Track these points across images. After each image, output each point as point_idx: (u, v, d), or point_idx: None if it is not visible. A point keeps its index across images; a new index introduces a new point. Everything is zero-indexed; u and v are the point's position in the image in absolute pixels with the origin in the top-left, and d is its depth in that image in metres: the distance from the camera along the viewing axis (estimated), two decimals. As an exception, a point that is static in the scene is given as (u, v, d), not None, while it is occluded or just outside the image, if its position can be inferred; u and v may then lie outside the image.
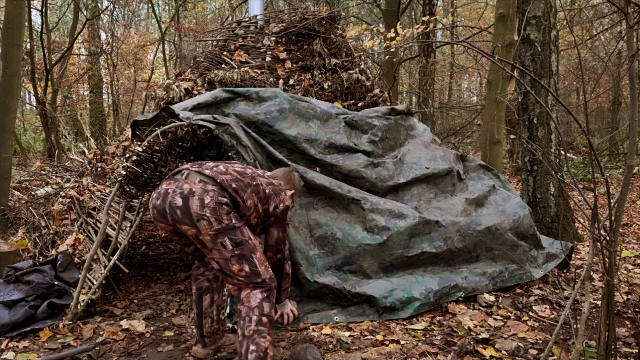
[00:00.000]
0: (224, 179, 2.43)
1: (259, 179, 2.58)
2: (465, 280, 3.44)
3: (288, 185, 2.81)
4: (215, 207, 2.33)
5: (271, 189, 2.59)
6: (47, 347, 2.79)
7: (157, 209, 2.42)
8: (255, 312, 2.33)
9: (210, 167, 2.52)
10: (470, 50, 11.67)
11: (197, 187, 2.36)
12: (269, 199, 2.57)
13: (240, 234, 2.38)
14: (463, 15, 16.61)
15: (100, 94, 15.70)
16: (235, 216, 2.40)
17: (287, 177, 2.84)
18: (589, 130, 2.30)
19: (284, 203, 2.63)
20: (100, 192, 3.99)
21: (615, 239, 2.13)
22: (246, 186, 2.48)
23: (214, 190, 2.37)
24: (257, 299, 2.36)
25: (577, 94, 15.54)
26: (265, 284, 2.39)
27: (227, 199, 2.38)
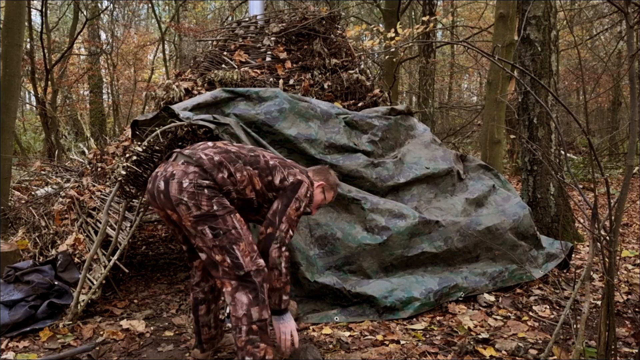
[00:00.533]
0: (202, 155, 2.29)
1: (261, 152, 2.44)
2: (465, 280, 3.44)
3: (317, 176, 2.64)
4: (194, 191, 2.20)
5: (278, 161, 2.44)
6: (47, 347, 2.79)
7: (148, 192, 2.35)
8: (244, 322, 2.20)
9: (197, 146, 2.40)
10: (470, 50, 11.68)
11: (178, 170, 2.25)
12: (274, 170, 2.40)
13: (222, 222, 2.22)
14: (463, 15, 16.61)
15: (100, 94, 15.70)
16: (218, 202, 2.23)
17: (318, 169, 2.70)
18: (589, 130, 2.30)
19: (295, 177, 2.43)
20: (100, 192, 3.99)
21: (615, 239, 2.13)
22: (237, 158, 2.34)
23: (195, 172, 2.24)
24: (243, 305, 2.20)
25: (577, 94, 15.55)
26: (248, 278, 2.21)
27: (208, 181, 2.24)
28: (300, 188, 2.42)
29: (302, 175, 2.47)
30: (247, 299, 2.20)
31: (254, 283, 2.22)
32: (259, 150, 2.46)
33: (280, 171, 2.41)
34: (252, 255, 2.25)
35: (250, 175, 2.35)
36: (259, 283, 2.23)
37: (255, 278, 2.22)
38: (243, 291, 2.21)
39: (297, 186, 2.41)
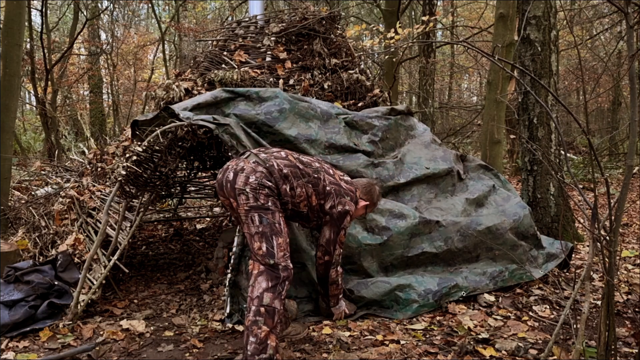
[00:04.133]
0: (274, 163, 2.58)
1: (324, 174, 2.73)
2: (465, 279, 3.44)
3: (365, 196, 2.93)
4: (257, 187, 2.49)
5: (334, 188, 2.74)
6: (47, 347, 2.79)
7: (217, 182, 2.64)
8: (255, 302, 2.38)
9: (271, 151, 2.70)
10: (470, 50, 11.68)
11: (249, 166, 2.54)
12: (327, 197, 2.72)
13: (271, 215, 2.49)
14: (463, 15, 16.60)
15: (100, 94, 15.70)
16: (274, 201, 2.52)
17: (367, 188, 2.95)
18: (589, 130, 2.30)
19: (344, 206, 2.74)
20: (100, 192, 3.99)
21: (615, 239, 2.13)
22: (302, 175, 2.63)
23: (262, 172, 2.53)
24: (260, 288, 2.40)
25: (577, 94, 15.54)
26: (275, 268, 2.43)
27: (271, 184, 2.52)
28: (346, 217, 2.77)
29: (349, 205, 2.78)
30: (265, 284, 2.41)
31: (278, 275, 2.45)
32: (322, 173, 2.74)
33: (332, 199, 2.73)
34: (286, 253, 2.51)
35: (310, 194, 2.67)
36: (283, 278, 2.45)
37: (282, 272, 2.46)
38: (266, 277, 2.43)
39: (344, 216, 2.76)
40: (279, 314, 2.41)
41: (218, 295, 3.67)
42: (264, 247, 2.45)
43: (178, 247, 5.27)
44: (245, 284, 3.11)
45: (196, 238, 5.63)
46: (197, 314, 3.30)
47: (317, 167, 2.75)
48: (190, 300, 3.61)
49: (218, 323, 3.12)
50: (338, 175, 2.86)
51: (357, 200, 2.86)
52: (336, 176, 2.83)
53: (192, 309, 3.44)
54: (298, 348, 2.74)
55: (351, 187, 2.84)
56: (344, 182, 2.83)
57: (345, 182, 2.85)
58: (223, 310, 3.25)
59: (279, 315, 2.42)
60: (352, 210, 2.79)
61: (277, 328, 2.44)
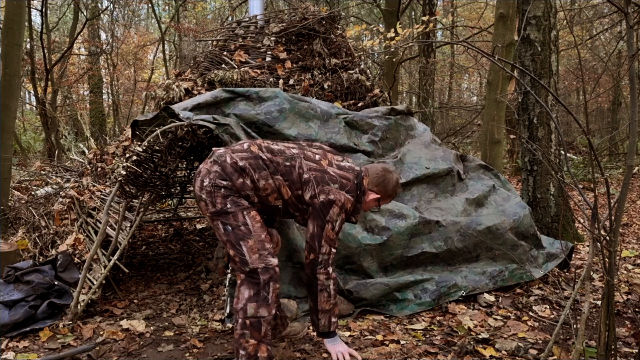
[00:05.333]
0: (227, 158, 2.33)
1: (300, 161, 2.40)
2: (465, 279, 3.44)
3: (376, 187, 2.50)
4: (212, 190, 2.29)
5: (314, 175, 2.38)
6: (47, 347, 2.79)
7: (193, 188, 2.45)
8: (240, 315, 2.27)
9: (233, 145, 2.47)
10: (470, 50, 11.68)
11: (205, 168, 2.36)
12: (305, 185, 2.37)
13: (232, 218, 2.28)
14: (463, 15, 16.60)
15: (100, 94, 15.70)
16: (233, 200, 2.29)
17: (380, 178, 2.51)
18: (589, 130, 2.30)
19: (327, 195, 2.34)
20: (100, 192, 3.99)
21: (615, 239, 2.13)
22: (266, 166, 2.34)
23: (216, 172, 2.31)
24: (243, 298, 2.27)
25: (577, 94, 15.54)
26: (254, 274, 2.26)
27: (225, 182, 2.29)
28: (331, 208, 2.35)
29: (336, 194, 2.36)
30: (247, 294, 2.27)
31: (258, 280, 2.26)
32: (298, 160, 2.40)
33: (312, 187, 2.36)
34: (262, 252, 2.28)
35: (278, 185, 2.36)
36: (264, 281, 2.26)
37: (262, 276, 2.26)
38: (247, 286, 2.28)
39: (327, 207, 2.35)
40: (266, 322, 2.26)
41: (218, 295, 3.67)
42: (237, 256, 2.29)
43: (178, 247, 5.27)
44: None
45: (196, 238, 5.63)
46: (197, 314, 3.30)
47: (292, 154, 2.41)
48: (190, 300, 3.61)
49: (218, 323, 3.12)
50: (329, 160, 2.48)
51: (361, 189, 2.44)
52: (324, 162, 2.44)
53: (192, 309, 3.44)
54: (298, 348, 2.74)
55: (346, 174, 2.44)
56: (336, 168, 2.44)
57: (339, 168, 2.45)
58: (223, 310, 3.25)
59: (267, 323, 2.27)
60: (340, 200, 2.36)
61: (268, 336, 2.30)
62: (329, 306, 2.43)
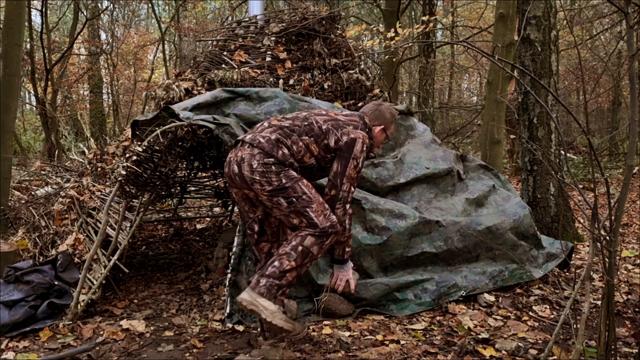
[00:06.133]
0: (261, 139, 2.57)
1: (314, 117, 2.67)
2: (465, 279, 3.44)
3: (377, 121, 2.82)
4: (264, 170, 2.52)
5: (331, 124, 2.66)
6: (47, 347, 2.79)
7: (226, 175, 2.70)
8: (296, 240, 2.54)
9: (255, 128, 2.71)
10: (470, 50, 11.68)
11: (246, 153, 2.57)
12: (327, 134, 2.64)
13: (292, 191, 2.53)
14: (463, 15, 16.60)
15: (100, 94, 15.70)
16: (285, 174, 2.54)
17: (375, 112, 2.83)
18: (589, 130, 2.30)
19: (349, 135, 2.63)
20: (100, 192, 3.99)
21: (615, 239, 2.13)
22: (291, 131, 2.61)
23: (259, 152, 2.55)
24: (306, 235, 2.54)
25: (577, 94, 15.54)
26: (324, 231, 2.55)
27: (272, 159, 2.54)
28: (355, 146, 2.63)
29: (355, 133, 2.65)
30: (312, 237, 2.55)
31: (327, 231, 2.56)
32: (312, 117, 2.68)
33: (334, 133, 2.63)
34: (325, 213, 2.57)
35: (307, 144, 2.62)
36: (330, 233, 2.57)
37: (329, 230, 2.56)
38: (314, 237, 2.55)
39: (352, 145, 2.63)
40: (311, 258, 2.55)
41: (218, 295, 3.67)
42: (304, 221, 2.55)
43: (178, 247, 5.27)
44: (245, 284, 3.11)
45: (196, 238, 5.63)
46: (197, 314, 3.30)
47: (304, 115, 2.72)
48: (190, 300, 3.61)
49: (218, 323, 3.12)
50: (334, 112, 2.80)
51: (368, 127, 2.75)
52: (331, 113, 2.77)
53: (192, 309, 3.44)
54: (298, 348, 2.74)
55: (352, 118, 2.75)
56: (343, 116, 2.76)
57: (345, 115, 2.77)
58: (223, 310, 3.25)
59: (311, 260, 2.56)
60: (360, 137, 2.65)
61: (303, 269, 2.58)
62: (343, 238, 2.74)
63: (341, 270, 2.84)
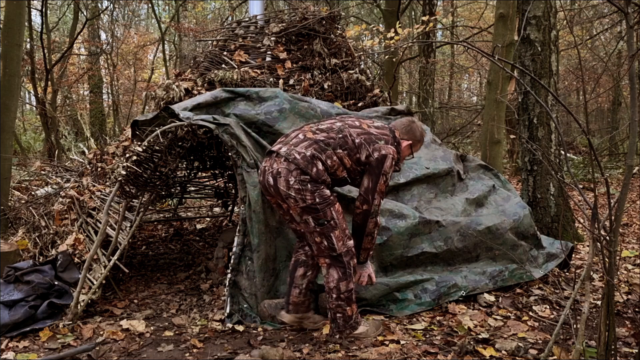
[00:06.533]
0: (297, 155, 2.66)
1: (349, 130, 2.74)
2: (464, 279, 3.44)
3: (406, 135, 2.91)
4: (300, 187, 2.63)
5: (364, 138, 2.74)
6: (47, 347, 2.80)
7: (261, 183, 2.85)
8: (334, 292, 2.75)
9: (289, 141, 2.76)
10: (470, 50, 11.67)
11: (283, 168, 2.67)
12: (360, 148, 2.72)
13: (322, 215, 2.66)
14: (463, 15, 16.60)
15: (100, 94, 15.69)
16: (320, 194, 2.65)
17: (407, 127, 2.93)
18: (589, 130, 2.30)
19: (380, 152, 2.72)
20: (100, 192, 3.99)
21: (615, 239, 2.13)
22: (327, 145, 2.69)
23: (296, 169, 2.64)
24: (334, 279, 2.74)
25: (577, 94, 15.53)
26: (340, 258, 2.73)
27: (307, 176, 2.64)
28: (385, 162, 2.74)
29: (386, 148, 2.75)
30: (337, 275, 2.74)
31: (343, 262, 2.74)
32: (347, 129, 2.75)
33: (366, 148, 2.73)
34: (344, 239, 2.74)
35: (341, 157, 2.72)
36: (347, 262, 2.75)
37: (345, 258, 2.74)
38: (335, 268, 2.75)
39: (382, 161, 2.73)
40: (354, 292, 2.80)
41: (218, 295, 3.67)
42: (325, 243, 2.71)
43: (178, 247, 5.27)
44: (245, 284, 3.11)
45: (196, 238, 5.63)
46: (197, 314, 3.30)
47: (339, 126, 2.76)
48: (190, 300, 3.61)
49: (218, 323, 3.12)
50: (367, 123, 2.84)
51: (397, 141, 2.83)
52: (364, 125, 2.81)
53: (192, 309, 3.44)
54: (298, 348, 2.74)
55: (384, 131, 2.82)
56: (375, 129, 2.81)
57: (376, 128, 2.82)
58: (223, 310, 3.25)
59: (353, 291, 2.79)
60: (390, 152, 2.74)
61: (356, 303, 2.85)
62: (370, 245, 2.89)
63: (363, 268, 2.98)
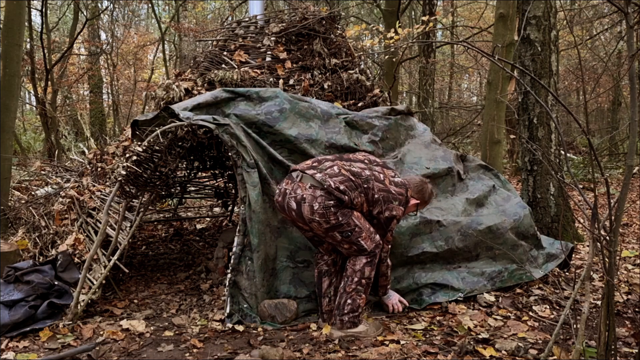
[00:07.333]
0: (331, 183, 2.77)
1: (373, 183, 2.89)
2: (462, 281, 3.45)
3: (417, 195, 3.07)
4: (324, 212, 2.75)
5: (382, 195, 2.90)
6: (47, 347, 2.79)
7: (278, 204, 2.93)
8: (357, 275, 2.85)
9: (323, 169, 2.87)
10: (470, 50, 11.68)
11: (308, 194, 2.78)
12: (376, 204, 2.89)
13: (347, 226, 2.79)
14: (463, 15, 16.60)
15: (100, 94, 15.69)
16: (342, 212, 2.78)
17: (419, 187, 3.10)
18: (589, 130, 2.30)
19: (391, 212, 2.91)
20: (100, 192, 3.99)
21: (615, 239, 2.13)
22: (356, 187, 2.83)
23: (322, 195, 2.76)
24: (361, 262, 2.85)
25: (577, 94, 15.53)
26: (372, 253, 2.86)
27: (333, 202, 2.76)
28: (392, 222, 2.96)
29: (396, 209, 2.93)
30: (365, 260, 2.87)
31: (374, 253, 2.88)
32: (372, 182, 2.89)
33: (380, 205, 2.90)
34: (371, 236, 2.87)
35: (362, 202, 2.87)
36: (377, 253, 2.89)
37: (375, 250, 2.87)
38: (364, 256, 2.87)
39: (390, 221, 2.95)
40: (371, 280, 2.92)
41: (218, 295, 3.67)
42: (354, 247, 2.84)
43: (178, 247, 5.27)
44: (245, 284, 3.11)
45: (196, 238, 5.63)
46: (197, 314, 3.30)
47: (366, 176, 2.89)
48: (190, 300, 3.61)
49: (218, 323, 3.12)
50: (389, 178, 2.98)
51: (407, 200, 3.00)
52: (386, 181, 2.95)
53: (192, 309, 3.44)
54: (298, 348, 2.74)
55: (401, 190, 2.97)
56: (394, 186, 2.96)
57: (395, 185, 2.97)
58: (223, 310, 3.25)
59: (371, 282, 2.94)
60: (399, 214, 2.95)
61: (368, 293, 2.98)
62: (385, 283, 3.14)
63: (389, 298, 3.20)
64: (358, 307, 2.87)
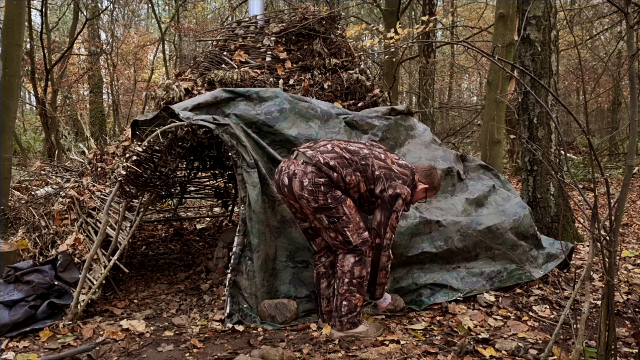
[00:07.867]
0: (320, 158, 2.73)
1: (372, 160, 2.82)
2: (461, 281, 3.46)
3: (424, 179, 2.99)
4: (313, 189, 2.69)
5: (384, 172, 2.81)
6: (47, 347, 2.80)
7: (275, 182, 2.92)
8: (347, 276, 2.80)
9: (318, 146, 2.84)
10: (470, 50, 11.67)
11: (299, 169, 2.74)
12: (377, 181, 2.81)
13: (334, 212, 2.73)
14: (463, 15, 16.59)
15: (100, 94, 15.68)
16: (332, 195, 2.72)
17: (427, 172, 3.02)
18: (589, 130, 2.30)
19: (395, 190, 2.80)
20: (100, 192, 3.99)
21: (615, 239, 2.13)
22: (349, 164, 2.76)
23: (312, 172, 2.71)
24: (349, 263, 2.80)
25: (577, 94, 15.53)
26: (356, 249, 2.79)
27: (323, 179, 2.70)
28: (397, 200, 2.82)
29: (401, 188, 2.82)
30: (352, 259, 2.80)
31: (360, 250, 2.80)
32: (371, 159, 2.83)
33: (382, 182, 2.81)
34: (359, 231, 2.80)
35: (358, 181, 2.79)
36: (365, 250, 2.81)
37: (362, 247, 2.80)
38: (351, 254, 2.81)
39: (395, 199, 2.81)
40: (366, 280, 2.85)
41: (218, 295, 3.67)
42: (339, 238, 2.78)
43: (178, 247, 5.27)
44: (245, 284, 3.11)
45: (196, 238, 5.63)
46: (197, 314, 3.30)
47: (365, 154, 2.83)
48: (190, 300, 3.61)
49: (218, 323, 3.12)
50: (391, 159, 2.90)
51: (414, 183, 2.90)
52: (388, 160, 2.87)
53: (192, 309, 3.44)
54: (298, 348, 2.74)
55: (405, 171, 2.88)
56: (397, 166, 2.87)
57: (399, 166, 2.88)
58: (223, 310, 3.25)
59: (366, 280, 2.85)
60: (404, 193, 2.82)
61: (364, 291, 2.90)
62: (384, 280, 2.98)
63: (384, 302, 3.12)
64: (355, 307, 2.84)
